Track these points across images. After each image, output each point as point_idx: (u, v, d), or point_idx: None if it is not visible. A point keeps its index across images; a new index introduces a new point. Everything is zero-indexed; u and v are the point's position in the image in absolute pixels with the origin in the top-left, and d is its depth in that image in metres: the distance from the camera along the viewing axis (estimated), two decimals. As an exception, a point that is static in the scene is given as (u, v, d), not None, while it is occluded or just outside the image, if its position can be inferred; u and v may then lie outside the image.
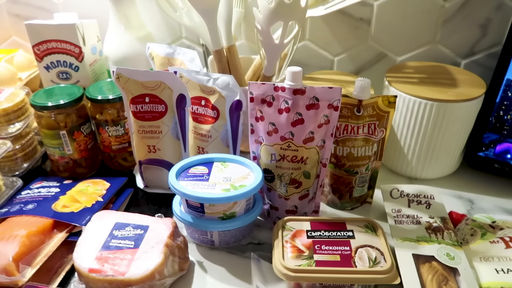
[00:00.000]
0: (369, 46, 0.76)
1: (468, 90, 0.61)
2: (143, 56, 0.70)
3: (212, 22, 0.59)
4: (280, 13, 0.52)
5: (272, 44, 0.56)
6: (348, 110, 0.54)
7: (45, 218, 0.55)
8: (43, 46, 0.69)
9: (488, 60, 0.72)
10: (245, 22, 0.75)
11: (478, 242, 0.52)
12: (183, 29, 0.80)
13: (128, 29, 0.72)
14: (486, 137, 0.64)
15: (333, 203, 0.62)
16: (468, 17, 0.70)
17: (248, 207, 0.54)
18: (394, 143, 0.66)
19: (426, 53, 0.74)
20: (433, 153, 0.64)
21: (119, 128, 0.66)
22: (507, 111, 0.61)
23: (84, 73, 0.72)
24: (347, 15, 0.73)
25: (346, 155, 0.57)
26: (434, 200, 0.57)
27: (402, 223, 0.54)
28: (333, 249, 0.49)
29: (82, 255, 0.48)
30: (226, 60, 0.63)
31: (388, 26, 0.73)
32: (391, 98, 0.53)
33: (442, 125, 0.61)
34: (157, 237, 0.49)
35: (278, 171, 0.54)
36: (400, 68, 0.69)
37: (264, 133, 0.53)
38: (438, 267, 0.47)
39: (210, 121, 0.60)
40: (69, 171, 0.68)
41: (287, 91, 0.50)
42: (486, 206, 0.62)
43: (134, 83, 0.59)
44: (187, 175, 0.54)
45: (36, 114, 0.64)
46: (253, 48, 0.79)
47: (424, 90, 0.61)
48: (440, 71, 0.68)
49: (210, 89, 0.58)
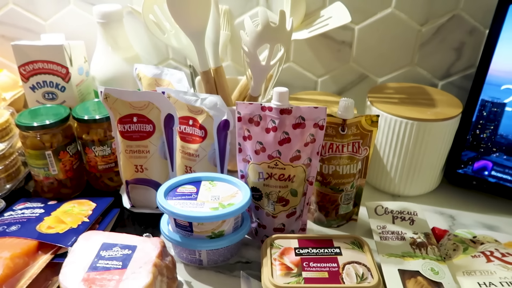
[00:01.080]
0: (351, 68, 0.78)
1: (445, 110, 0.64)
2: (131, 77, 0.71)
3: (200, 44, 0.61)
4: (267, 36, 0.54)
5: (259, 65, 0.58)
6: (333, 129, 0.56)
7: (30, 240, 0.53)
8: (29, 67, 0.69)
9: (463, 81, 0.76)
10: (231, 44, 0.77)
11: (461, 256, 0.53)
12: (170, 51, 0.82)
13: (115, 50, 0.72)
14: (464, 154, 0.67)
15: (319, 221, 0.63)
16: (443, 41, 0.73)
17: (237, 226, 0.54)
18: (377, 161, 0.68)
19: (405, 74, 0.77)
20: (414, 171, 0.66)
21: (105, 148, 0.66)
22: (483, 130, 0.64)
23: (71, 93, 0.72)
24: (329, 39, 0.76)
25: (332, 173, 0.58)
26: (417, 216, 0.59)
27: (387, 239, 0.55)
28: (321, 266, 0.49)
29: (69, 277, 0.47)
30: (214, 81, 0.64)
31: (368, 49, 0.76)
32: (373, 118, 0.55)
33: (423, 143, 0.63)
34: (146, 257, 0.49)
35: (265, 189, 0.55)
36: (381, 88, 0.72)
37: (251, 152, 0.54)
38: (423, 282, 0.48)
39: (198, 140, 0.60)
40: (53, 192, 0.67)
41: (274, 110, 0.52)
42: (467, 221, 0.64)
43: (122, 103, 0.59)
44: (175, 194, 0.54)
45: (21, 134, 0.63)
46: (239, 69, 0.81)
47: (405, 110, 0.64)
48: (419, 92, 0.71)
49: (197, 109, 0.59)
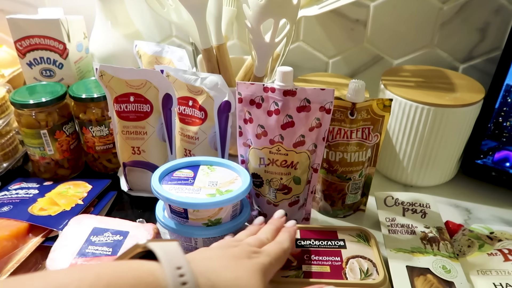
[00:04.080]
0: (364, 49, 0.74)
1: (466, 95, 0.59)
2: (130, 54, 0.68)
3: (201, 20, 0.57)
4: (271, 10, 0.50)
5: (263, 43, 0.54)
6: (341, 114, 0.52)
7: (20, 222, 0.52)
8: (25, 42, 0.67)
9: (486, 65, 0.70)
10: (237, 21, 0.73)
11: (476, 254, 0.49)
12: (173, 28, 0.78)
13: (115, 26, 0.69)
14: (484, 144, 0.62)
15: (325, 210, 0.59)
16: (466, 21, 0.68)
17: (235, 213, 0.51)
18: (389, 148, 0.64)
19: (423, 56, 0.72)
20: (429, 160, 0.61)
21: (103, 128, 0.63)
22: (506, 118, 0.59)
23: (69, 70, 0.69)
24: (342, 16, 0.71)
25: (339, 160, 0.54)
26: (430, 209, 0.55)
27: (396, 233, 0.51)
28: (323, 260, 0.46)
29: (56, 262, 0.45)
30: (216, 60, 0.61)
31: (384, 28, 0.71)
32: (386, 102, 0.51)
33: (439, 131, 0.58)
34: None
35: (267, 176, 0.52)
36: (396, 71, 0.67)
37: (252, 136, 0.51)
38: (433, 281, 0.44)
39: (198, 122, 0.57)
40: (50, 172, 0.65)
41: (277, 92, 0.48)
42: (484, 216, 0.60)
43: (118, 81, 0.56)
44: (171, 178, 0.51)
45: (16, 112, 0.61)
46: (245, 48, 0.77)
47: (421, 94, 0.59)
48: (438, 75, 0.65)
49: (197, 89, 0.56)
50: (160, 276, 0.29)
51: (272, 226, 0.46)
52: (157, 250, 0.31)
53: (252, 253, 0.39)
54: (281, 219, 0.48)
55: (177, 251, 0.31)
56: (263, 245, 0.42)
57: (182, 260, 0.31)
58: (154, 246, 0.32)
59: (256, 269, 0.36)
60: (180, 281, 0.29)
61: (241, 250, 0.38)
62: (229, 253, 0.37)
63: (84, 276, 0.27)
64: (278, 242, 0.42)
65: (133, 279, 0.28)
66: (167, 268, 0.29)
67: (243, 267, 0.36)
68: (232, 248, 0.39)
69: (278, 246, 0.41)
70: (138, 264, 0.30)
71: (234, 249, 0.39)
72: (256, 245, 0.41)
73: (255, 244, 0.41)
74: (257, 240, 0.42)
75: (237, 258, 0.37)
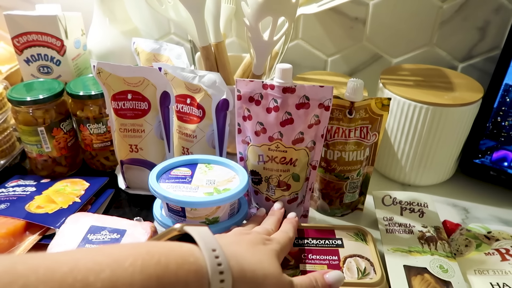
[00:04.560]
0: (364, 47, 0.73)
1: (465, 94, 0.59)
2: (128, 51, 0.67)
3: (199, 17, 0.56)
4: (269, 8, 0.50)
5: (261, 40, 0.53)
6: (339, 112, 0.52)
7: (17, 219, 0.51)
8: (23, 38, 0.66)
9: (486, 64, 0.70)
10: (236, 19, 0.73)
11: (473, 253, 0.49)
12: (171, 25, 0.78)
13: (113, 23, 0.69)
14: (482, 143, 0.62)
15: (322, 209, 0.59)
16: (466, 20, 0.67)
17: (233, 212, 0.51)
18: (387, 147, 0.64)
19: (423, 55, 0.72)
20: (427, 159, 0.61)
21: (101, 125, 0.63)
22: (505, 117, 0.59)
23: (66, 67, 0.69)
24: (341, 14, 0.71)
25: (337, 159, 0.54)
26: (427, 208, 0.55)
27: (393, 232, 0.51)
28: (320, 259, 0.46)
29: (53, 260, 0.44)
30: (214, 57, 0.60)
31: (384, 27, 0.71)
32: (384, 101, 0.51)
33: (438, 130, 0.58)
34: (134, 242, 0.46)
35: (265, 173, 0.52)
36: (395, 70, 0.67)
37: (251, 133, 0.51)
38: (430, 280, 0.44)
39: (196, 120, 0.57)
40: (47, 170, 0.65)
41: (276, 89, 0.48)
42: (482, 215, 0.60)
43: (115, 78, 0.56)
44: (169, 176, 0.51)
45: (13, 109, 0.61)
46: (244, 46, 0.76)
47: (420, 93, 0.59)
48: (437, 74, 0.65)
49: (195, 87, 0.55)
50: (199, 256, 0.31)
51: (274, 217, 0.48)
52: (194, 233, 0.33)
53: (265, 240, 0.41)
54: (281, 210, 0.50)
55: (210, 235, 0.34)
56: (269, 234, 0.44)
57: (216, 243, 0.33)
58: (190, 229, 0.34)
59: (272, 254, 0.39)
60: (216, 262, 0.31)
61: (255, 237, 0.41)
62: (246, 239, 0.40)
63: (137, 252, 0.29)
64: (284, 232, 0.45)
65: (179, 257, 0.30)
66: (204, 250, 0.32)
67: (262, 252, 0.38)
68: (246, 235, 0.41)
69: (285, 235, 0.44)
70: (179, 244, 0.32)
71: (249, 235, 0.41)
72: (265, 233, 0.43)
73: (263, 233, 0.43)
74: (264, 229, 0.45)
75: (254, 244, 0.39)
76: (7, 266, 0.24)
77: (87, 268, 0.26)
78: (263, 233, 0.43)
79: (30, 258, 0.26)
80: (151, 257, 0.29)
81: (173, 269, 0.29)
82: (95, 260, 0.27)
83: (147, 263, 0.28)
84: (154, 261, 0.29)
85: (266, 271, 0.36)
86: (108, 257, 0.28)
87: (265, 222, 0.48)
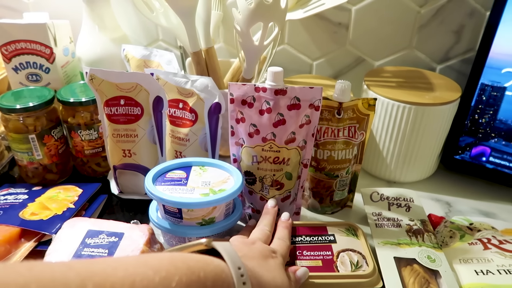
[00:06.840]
0: (347, 51, 0.76)
1: (444, 94, 0.62)
2: (118, 58, 0.68)
3: (190, 23, 0.58)
4: (260, 14, 0.52)
5: (252, 45, 0.55)
6: (328, 113, 0.54)
7: (12, 227, 0.51)
8: (11, 47, 0.66)
9: (462, 65, 0.74)
10: (223, 25, 0.75)
11: (457, 244, 0.52)
12: (159, 31, 0.79)
13: (102, 30, 0.69)
14: (462, 140, 0.66)
15: (313, 207, 0.61)
16: (442, 23, 0.71)
17: (228, 212, 0.52)
18: (373, 146, 0.66)
19: (403, 58, 0.75)
20: (411, 156, 0.64)
21: (92, 132, 0.64)
22: (482, 115, 0.63)
23: (56, 75, 0.69)
24: (325, 20, 0.74)
25: (327, 158, 0.56)
26: (413, 203, 0.58)
27: (383, 226, 0.54)
28: (315, 255, 0.48)
29: (52, 265, 0.45)
30: (205, 62, 0.62)
31: (366, 31, 0.74)
32: (371, 101, 0.53)
33: (420, 128, 0.61)
34: (133, 244, 0.47)
35: (259, 173, 0.53)
36: (378, 72, 0.70)
37: (245, 135, 0.52)
38: (419, 270, 0.47)
39: (188, 124, 0.58)
40: (38, 177, 0.65)
41: (268, 91, 0.49)
42: (463, 208, 0.63)
43: (108, 84, 0.56)
44: (164, 179, 0.52)
45: (3, 117, 0.61)
46: (232, 51, 0.78)
47: (402, 93, 0.62)
48: (417, 76, 0.69)
49: (188, 91, 0.57)
50: (228, 274, 0.33)
51: (269, 216, 0.50)
52: (221, 250, 0.35)
53: (272, 252, 0.43)
54: (275, 208, 0.52)
55: (234, 252, 0.36)
56: (269, 238, 0.46)
57: (240, 261, 0.35)
58: (217, 245, 0.36)
59: (281, 269, 0.41)
60: (242, 281, 0.34)
61: (263, 248, 0.42)
62: (257, 251, 0.41)
63: (175, 263, 0.31)
64: (282, 240, 0.47)
65: (213, 274, 0.32)
66: (232, 268, 0.34)
67: (273, 267, 0.40)
68: (252, 245, 0.43)
69: (284, 244, 0.46)
70: (210, 259, 0.34)
71: (256, 246, 0.43)
72: (265, 240, 0.45)
73: (263, 238, 0.46)
74: (263, 233, 0.47)
75: (264, 258, 0.41)
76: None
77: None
78: (263, 238, 0.46)
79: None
80: (192, 273, 0.31)
81: (209, 286, 0.31)
82: (131, 264, 0.29)
83: (189, 280, 0.30)
84: (194, 277, 0.31)
85: (279, 287, 0.39)
86: (146, 264, 0.29)
87: (261, 222, 0.49)
